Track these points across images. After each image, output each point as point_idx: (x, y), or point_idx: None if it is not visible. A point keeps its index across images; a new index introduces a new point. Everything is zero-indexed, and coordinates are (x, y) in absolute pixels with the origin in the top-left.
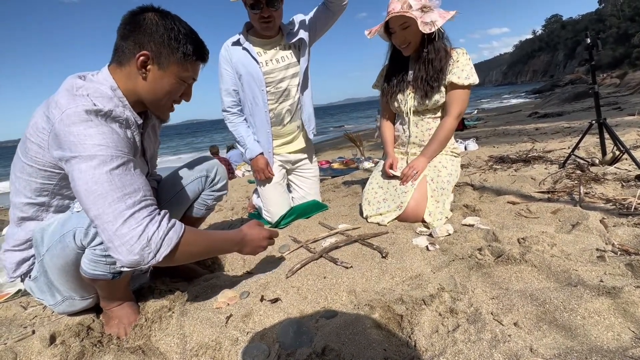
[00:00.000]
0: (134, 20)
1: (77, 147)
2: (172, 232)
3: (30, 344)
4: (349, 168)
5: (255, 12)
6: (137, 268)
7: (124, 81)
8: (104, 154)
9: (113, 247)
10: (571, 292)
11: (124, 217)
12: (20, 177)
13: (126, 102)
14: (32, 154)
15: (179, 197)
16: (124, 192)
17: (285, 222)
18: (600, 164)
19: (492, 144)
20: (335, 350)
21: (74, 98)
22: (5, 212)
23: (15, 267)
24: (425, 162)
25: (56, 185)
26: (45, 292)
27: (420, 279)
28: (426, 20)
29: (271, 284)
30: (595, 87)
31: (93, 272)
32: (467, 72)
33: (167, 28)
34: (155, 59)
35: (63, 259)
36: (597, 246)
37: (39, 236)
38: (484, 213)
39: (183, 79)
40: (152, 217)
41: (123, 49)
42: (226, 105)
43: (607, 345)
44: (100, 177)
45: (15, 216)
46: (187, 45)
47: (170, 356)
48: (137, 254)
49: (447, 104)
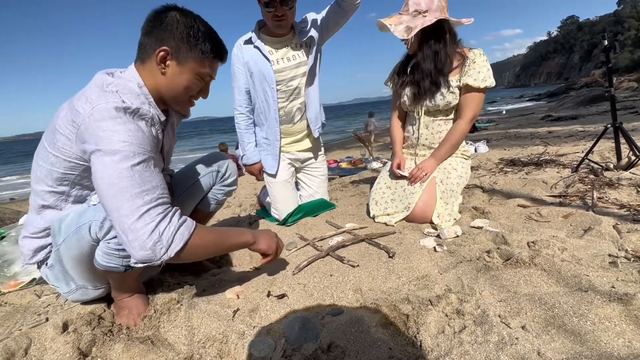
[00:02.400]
0: (157, 18)
1: (103, 141)
2: (183, 227)
3: (44, 331)
4: (357, 168)
5: (269, 10)
6: (150, 264)
7: (147, 78)
8: (127, 150)
9: (127, 241)
10: (581, 297)
11: (139, 212)
12: (43, 166)
13: (151, 99)
14: (60, 145)
15: (191, 190)
16: (142, 188)
17: (293, 219)
18: (614, 168)
19: (503, 146)
20: (340, 347)
21: (104, 94)
22: (19, 204)
23: (32, 254)
24: (434, 164)
25: (77, 176)
26: (60, 280)
27: (427, 280)
28: (411, 25)
29: (278, 280)
30: (612, 90)
31: (106, 264)
32: (484, 74)
33: (187, 25)
34: (174, 54)
35: (78, 249)
36: (609, 252)
37: (56, 226)
38: (493, 216)
39: (201, 76)
40: (165, 214)
41: (145, 45)
42: (237, 103)
43: (618, 352)
44: (122, 172)
45: (36, 203)
46: (206, 43)
47: (178, 347)
48: (149, 249)
49: (460, 107)
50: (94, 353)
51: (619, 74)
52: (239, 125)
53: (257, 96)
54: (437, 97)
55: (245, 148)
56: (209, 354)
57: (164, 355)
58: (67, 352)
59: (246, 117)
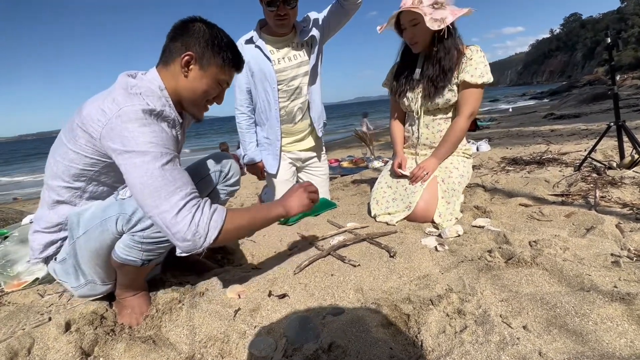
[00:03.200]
0: (185, 26)
1: (130, 142)
2: (216, 214)
3: (46, 330)
4: (358, 167)
5: (272, 9)
6: (195, 252)
7: (168, 80)
8: (155, 151)
9: (171, 234)
10: (583, 297)
11: (178, 207)
12: (61, 162)
13: (170, 102)
14: (82, 142)
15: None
16: (175, 185)
17: (294, 219)
18: (617, 167)
19: (505, 145)
20: (341, 346)
21: (130, 97)
22: (23, 204)
23: (43, 249)
24: (435, 164)
25: (96, 172)
26: (70, 274)
27: (428, 279)
28: (436, 17)
29: (279, 280)
30: (615, 88)
31: (126, 257)
32: (481, 70)
33: (212, 35)
34: (198, 59)
35: (99, 242)
36: (612, 251)
37: (75, 219)
38: (495, 215)
39: (219, 82)
40: (198, 206)
41: (171, 49)
42: (238, 103)
43: (620, 352)
44: (154, 172)
45: (50, 199)
46: (227, 53)
47: (180, 347)
48: (190, 240)
49: (458, 103)
50: (96, 352)
51: (623, 71)
52: (240, 125)
53: (258, 96)
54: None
55: (246, 148)
56: (210, 353)
57: (166, 354)
58: (69, 351)
59: (247, 116)
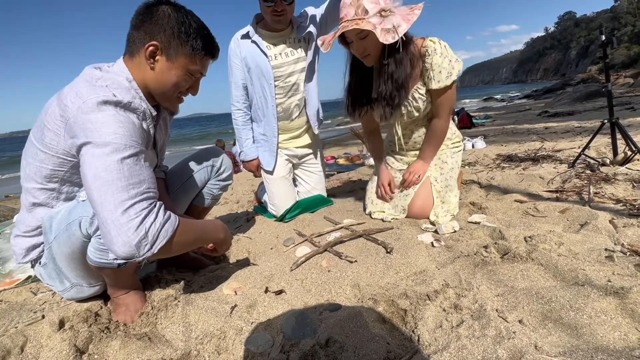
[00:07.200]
0: (148, 11)
1: (92, 133)
2: (168, 224)
3: (40, 328)
4: (354, 164)
5: (269, 5)
6: (131, 261)
7: (136, 72)
8: (118, 142)
9: (109, 236)
10: (578, 291)
11: (124, 206)
12: (32, 163)
13: (141, 93)
14: (48, 141)
15: (186, 185)
16: (129, 182)
17: (291, 215)
18: (611, 164)
19: (500, 142)
20: (338, 342)
21: (94, 89)
22: (15, 201)
23: (25, 253)
24: (425, 165)
25: (66, 172)
26: (54, 279)
27: (424, 275)
28: (387, 27)
29: (275, 276)
30: (608, 85)
31: (99, 260)
32: (446, 70)
33: (178, 21)
34: (164, 50)
35: (70, 247)
36: (605, 246)
37: (47, 224)
38: (490, 211)
39: (191, 73)
40: (150, 209)
41: (134, 39)
42: (234, 99)
43: (614, 345)
44: (111, 164)
45: (27, 201)
46: (197, 40)
47: (176, 344)
48: (134, 246)
49: (434, 108)
50: (91, 350)
51: (615, 70)
52: (236, 121)
53: (254, 92)
54: (410, 108)
55: (242, 144)
56: (207, 350)
57: (162, 351)
58: (63, 349)
59: (244, 113)
